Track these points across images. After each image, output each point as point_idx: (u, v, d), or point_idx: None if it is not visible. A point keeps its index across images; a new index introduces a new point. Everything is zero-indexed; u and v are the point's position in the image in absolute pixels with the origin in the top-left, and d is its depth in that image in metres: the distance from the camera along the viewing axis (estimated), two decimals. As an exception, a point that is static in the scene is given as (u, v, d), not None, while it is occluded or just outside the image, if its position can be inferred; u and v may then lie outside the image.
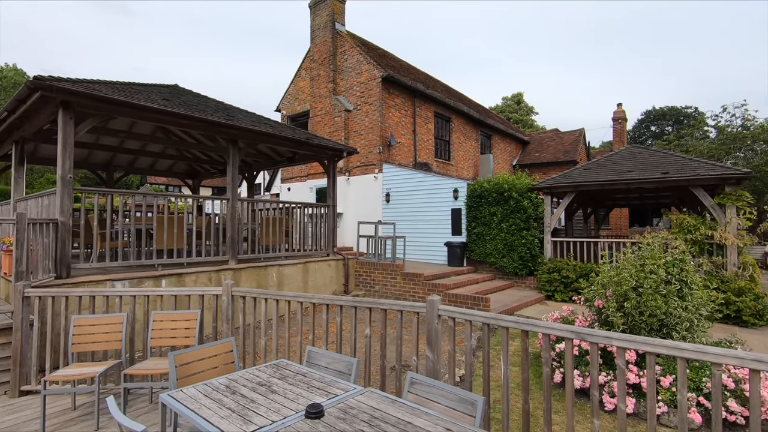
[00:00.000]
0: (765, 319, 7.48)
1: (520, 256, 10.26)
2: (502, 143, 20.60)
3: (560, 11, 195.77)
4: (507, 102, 45.29)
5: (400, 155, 13.86)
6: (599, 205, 16.43)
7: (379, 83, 13.10)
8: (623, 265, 4.94)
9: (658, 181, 8.85)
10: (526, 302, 8.82)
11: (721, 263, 8.19)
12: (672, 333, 4.55)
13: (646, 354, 2.33)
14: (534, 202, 10.35)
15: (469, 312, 3.11)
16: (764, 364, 2.00)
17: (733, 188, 8.26)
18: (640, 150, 10.68)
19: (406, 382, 2.51)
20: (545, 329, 2.72)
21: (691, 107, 48.44)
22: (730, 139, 18.96)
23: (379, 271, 9.66)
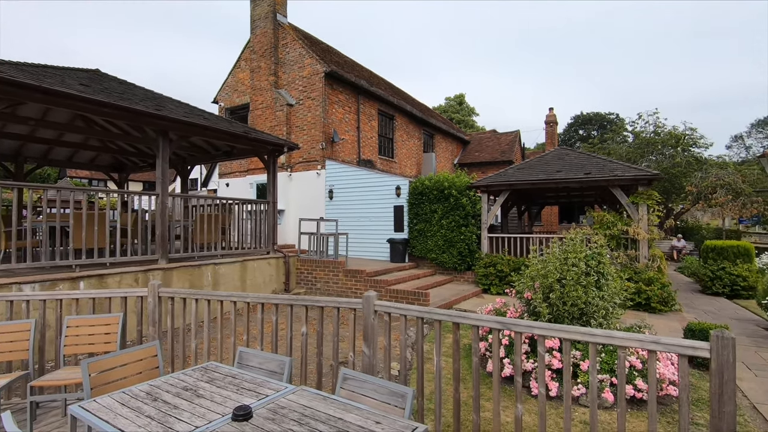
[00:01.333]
0: (669, 306, 8.36)
1: (459, 251, 10.64)
2: (444, 142, 21.18)
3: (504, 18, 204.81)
4: (449, 102, 46.64)
5: (343, 152, 13.79)
6: (532, 203, 17.44)
7: (322, 78, 12.93)
8: (549, 259, 5.29)
9: (582, 181, 9.57)
10: (464, 296, 9.17)
11: (634, 256, 9.02)
12: (590, 320, 4.94)
13: (562, 341, 2.50)
14: (472, 200, 10.77)
15: (404, 307, 3.17)
16: (660, 345, 2.23)
17: (645, 188, 9.12)
18: (568, 152, 11.47)
19: (339, 378, 2.50)
20: (474, 321, 2.84)
21: (614, 114, 52.89)
22: (644, 143, 20.92)
23: (321, 268, 9.56)
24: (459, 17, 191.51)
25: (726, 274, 10.82)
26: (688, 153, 20.32)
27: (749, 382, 5.11)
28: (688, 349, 2.15)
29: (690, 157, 19.94)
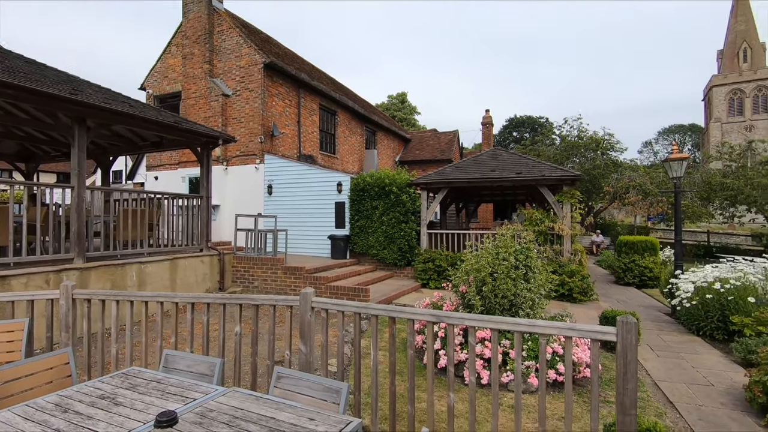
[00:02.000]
0: (588, 296, 9.13)
1: (400, 247, 10.82)
2: (386, 139, 21.39)
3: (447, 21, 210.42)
4: (392, 100, 47.15)
5: (283, 146, 13.44)
6: (469, 200, 18.18)
7: (261, 69, 12.49)
8: (482, 254, 5.55)
9: (514, 180, 10.13)
10: (404, 291, 9.35)
11: (559, 250, 9.73)
12: (519, 311, 5.27)
13: (491, 331, 2.64)
14: (412, 197, 10.99)
15: (341, 303, 3.17)
16: (575, 331, 2.43)
17: (569, 188, 9.86)
18: (501, 152, 12.09)
19: (273, 377, 2.45)
20: (410, 315, 2.90)
21: (544, 117, 56.50)
22: (569, 146, 22.63)
23: (258, 266, 9.26)
24: (404, 17, 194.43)
25: (636, 266, 12.02)
26: (607, 156, 22.26)
27: (652, 362, 5.72)
28: (599, 334, 2.36)
29: (608, 160, 21.86)
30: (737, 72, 61.01)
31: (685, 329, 7.28)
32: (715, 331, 6.65)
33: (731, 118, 60.61)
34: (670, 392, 4.71)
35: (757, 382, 4.18)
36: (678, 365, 5.58)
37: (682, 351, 6.16)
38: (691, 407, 4.34)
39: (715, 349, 6.25)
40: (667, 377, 5.16)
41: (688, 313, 7.15)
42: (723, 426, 3.95)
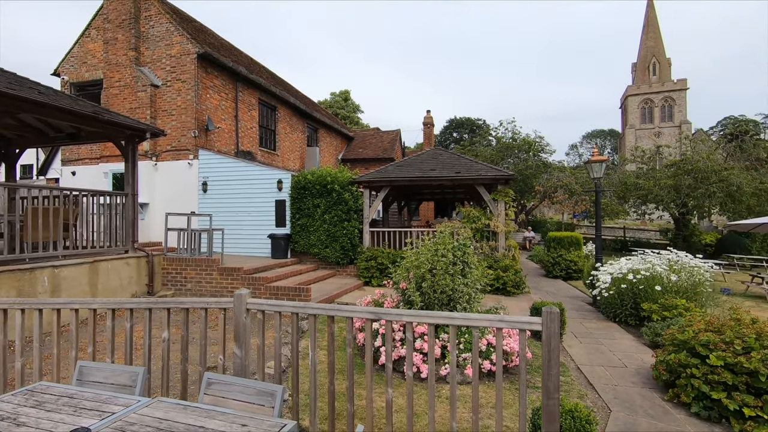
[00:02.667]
0: (521, 289, 9.67)
1: (342, 246, 10.77)
2: (329, 137, 21.17)
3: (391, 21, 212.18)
4: (335, 98, 46.74)
5: (220, 141, 12.83)
6: (411, 199, 18.52)
7: (195, 60, 11.81)
8: (422, 251, 5.67)
9: (453, 179, 10.47)
10: (346, 289, 9.31)
11: (494, 246, 10.21)
12: (456, 305, 5.44)
13: (428, 326, 2.70)
14: (354, 195, 10.98)
15: (278, 303, 3.08)
16: (505, 323, 2.56)
17: (503, 187, 10.38)
18: (441, 152, 12.43)
19: (203, 383, 2.32)
20: (348, 313, 2.89)
21: (482, 119, 58.96)
22: (504, 147, 23.85)
23: (192, 267, 8.76)
24: (348, 16, 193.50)
25: (563, 260, 12.95)
26: (538, 158, 23.74)
27: (576, 348, 6.19)
28: (526, 325, 2.50)
29: (539, 162, 23.33)
30: (648, 84, 67.69)
31: (604, 317, 7.96)
32: (629, 318, 7.34)
33: (643, 125, 67.16)
34: (591, 375, 5.13)
35: (662, 361, 4.67)
36: (597, 350, 6.08)
37: (601, 337, 6.72)
38: (608, 388, 4.75)
39: (629, 334, 6.89)
40: (588, 361, 5.60)
41: (606, 302, 7.83)
42: (634, 402, 4.36)
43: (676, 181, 18.46)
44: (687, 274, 7.27)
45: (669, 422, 3.95)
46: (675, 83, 66.07)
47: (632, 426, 3.87)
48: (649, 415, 4.10)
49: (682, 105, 65.26)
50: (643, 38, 70.70)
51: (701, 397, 4.08)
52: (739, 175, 17.54)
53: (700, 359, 4.25)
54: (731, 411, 3.82)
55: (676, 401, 4.34)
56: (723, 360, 4.02)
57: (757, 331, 4.23)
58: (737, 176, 17.44)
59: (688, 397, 4.17)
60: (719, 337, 4.27)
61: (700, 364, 4.19)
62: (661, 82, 66.86)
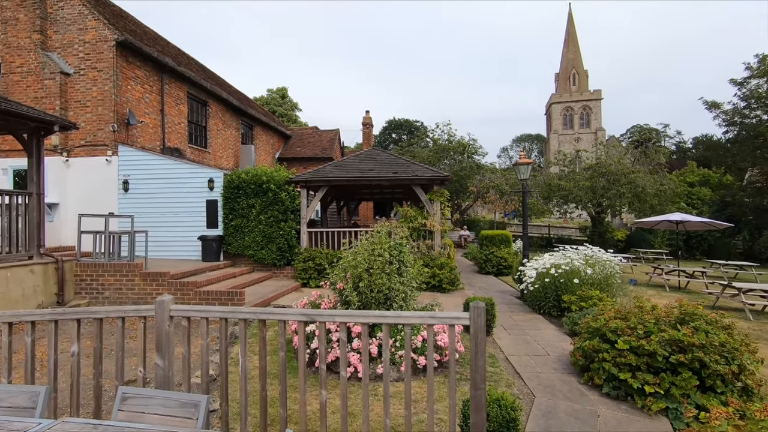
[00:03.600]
0: (455, 285, 10.04)
1: (279, 247, 10.49)
2: (265, 135, 20.51)
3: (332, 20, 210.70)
4: (272, 95, 45.39)
5: (143, 137, 11.91)
6: (350, 199, 18.50)
7: (113, 47, 10.86)
8: (359, 251, 5.68)
9: (391, 179, 10.62)
10: (283, 291, 9.09)
11: (431, 245, 10.50)
12: (393, 304, 5.52)
13: (362, 325, 2.71)
14: (291, 195, 10.73)
15: (205, 309, 2.92)
16: (435, 319, 2.64)
17: (439, 187, 10.71)
18: (379, 153, 12.55)
19: (117, 398, 2.14)
20: (280, 316, 2.82)
21: (420, 121, 60.44)
22: (440, 149, 24.63)
23: (110, 273, 8.05)
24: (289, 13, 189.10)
25: (494, 257, 13.64)
26: (471, 159, 24.81)
27: (505, 339, 6.55)
28: (455, 320, 2.60)
29: (472, 163, 24.38)
30: (569, 93, 73.48)
31: (531, 309, 8.51)
32: (552, 309, 7.91)
33: (565, 130, 72.78)
34: (518, 364, 5.45)
35: (578, 348, 5.09)
36: (524, 341, 6.48)
37: (527, 328, 7.18)
38: (532, 375, 5.08)
39: (552, 324, 7.42)
40: (516, 352, 5.96)
41: (532, 295, 8.37)
42: (554, 387, 4.71)
43: (592, 183, 20.23)
44: (600, 267, 7.98)
45: (584, 403, 4.32)
46: (591, 93, 72.35)
47: (553, 409, 4.18)
48: (567, 398, 4.45)
49: (598, 113, 71.66)
50: (564, 51, 76.59)
51: (611, 378, 4.50)
52: (644, 178, 19.63)
53: (610, 344, 4.69)
54: (635, 389, 4.26)
55: (590, 384, 4.75)
56: (628, 344, 4.47)
57: (656, 316, 4.76)
58: (642, 179, 19.52)
59: (600, 379, 4.58)
60: (625, 323, 4.74)
61: (610, 349, 4.62)
62: (580, 92, 72.90)
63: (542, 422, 3.93)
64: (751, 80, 20.44)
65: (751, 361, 4.30)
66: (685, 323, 4.52)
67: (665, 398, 4.12)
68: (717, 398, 3.98)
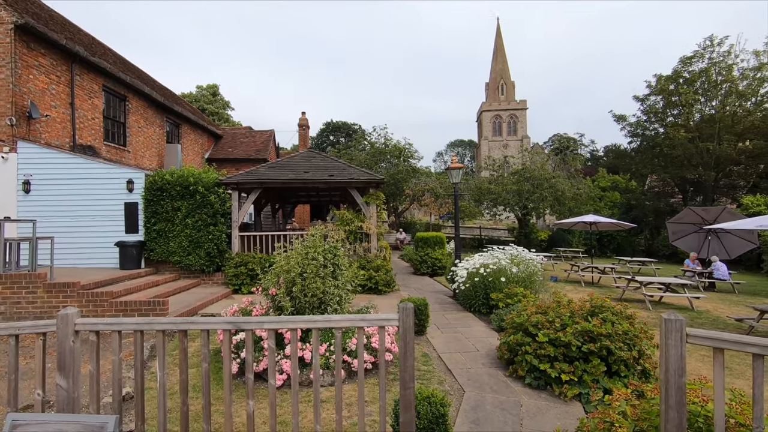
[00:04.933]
0: (391, 287, 10.18)
1: (208, 252, 9.94)
2: (194, 134, 19.38)
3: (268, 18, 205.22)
4: (202, 92, 43.00)
5: (49, 133, 10.70)
6: (286, 201, 18.06)
7: (12, 31, 9.65)
8: (292, 255, 5.56)
9: (327, 182, 10.53)
10: (212, 299, 8.63)
11: (367, 247, 10.56)
12: (328, 308, 5.47)
13: (290, 331, 2.65)
14: (222, 197, 10.24)
15: (117, 321, 2.68)
16: (365, 321, 2.65)
17: (375, 190, 10.80)
18: (315, 155, 12.40)
19: (6, 427, 1.90)
20: (203, 325, 2.67)
21: (357, 124, 60.65)
22: (377, 152, 24.88)
23: (6, 285, 7.11)
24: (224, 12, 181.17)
25: (429, 258, 14.03)
26: (408, 163, 25.34)
27: (438, 338, 6.75)
28: (384, 321, 2.64)
29: (409, 167, 24.91)
30: (498, 101, 77.87)
31: (463, 307, 8.86)
32: (482, 307, 8.30)
33: (494, 137, 76.97)
34: (449, 361, 5.65)
35: (504, 343, 5.39)
36: (456, 338, 6.73)
37: (459, 326, 7.46)
38: (463, 371, 5.29)
39: (481, 322, 7.78)
40: (448, 349, 6.17)
41: (463, 294, 8.72)
42: (483, 381, 4.94)
43: (518, 187, 21.59)
44: (524, 266, 8.53)
45: (509, 394, 4.58)
46: (518, 103, 77.29)
47: (481, 402, 4.38)
48: (494, 390, 4.69)
49: (523, 122, 76.70)
50: (493, 63, 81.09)
51: (532, 369, 4.82)
52: (563, 183, 21.33)
53: (532, 338, 5.02)
54: (553, 378, 4.60)
55: (514, 376, 5.04)
56: (548, 336, 4.82)
57: (571, 310, 5.17)
58: (562, 183, 21.20)
59: (523, 370, 4.89)
60: (545, 317, 5.10)
61: (532, 342, 4.95)
62: (508, 101, 77.58)
63: (471, 415, 4.10)
64: (650, 97, 23.11)
65: (648, 347, 4.83)
66: (595, 315, 4.96)
67: (578, 385, 4.49)
68: (621, 381, 4.41)
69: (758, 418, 1.92)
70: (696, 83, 20.88)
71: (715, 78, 20.53)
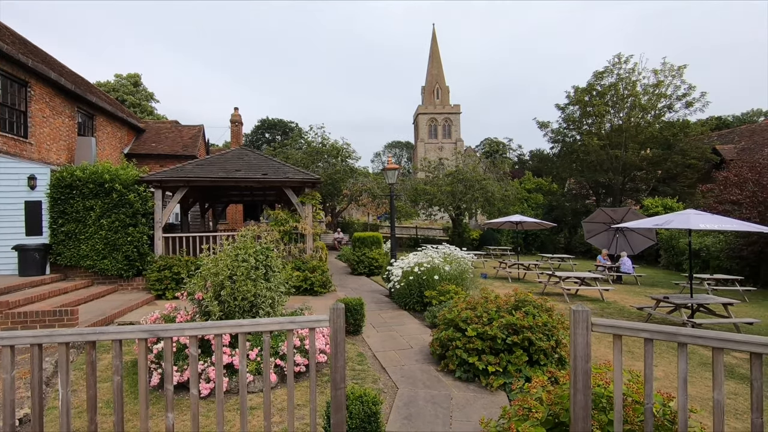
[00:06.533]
0: (328, 288, 10.08)
1: (126, 255, 9.16)
2: (111, 127, 17.75)
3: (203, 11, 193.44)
4: (121, 81, 39.55)
5: (-74, 119, 9.23)
6: (216, 201, 17.18)
7: None
8: (221, 257, 5.30)
9: (260, 181, 10.17)
10: (131, 306, 7.97)
11: (303, 248, 10.37)
12: (260, 311, 5.28)
13: (213, 336, 2.52)
14: (143, 196, 9.48)
15: (9, 335, 2.37)
16: (295, 324, 2.60)
17: (311, 190, 10.63)
18: (247, 152, 11.93)
19: None
20: (114, 335, 2.45)
21: (294, 122, 59.34)
22: (314, 152, 24.52)
23: None
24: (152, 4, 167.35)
25: (366, 258, 14.10)
26: (345, 163, 25.26)
27: (373, 337, 6.80)
28: (315, 322, 2.60)
29: (346, 167, 24.84)
30: (433, 105, 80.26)
31: (398, 306, 9.01)
32: (416, 305, 8.50)
33: (430, 139, 79.23)
34: (384, 359, 5.71)
35: (437, 339, 5.56)
36: (391, 336, 6.83)
37: (394, 324, 7.58)
38: (397, 368, 5.38)
39: (416, 319, 7.96)
40: (383, 348, 6.24)
41: (399, 293, 8.88)
42: (416, 377, 5.06)
43: (452, 188, 22.42)
44: (456, 264, 8.87)
45: (440, 389, 4.73)
46: (452, 107, 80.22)
47: (413, 398, 4.48)
48: (426, 386, 4.82)
49: (457, 125, 79.79)
50: (429, 67, 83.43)
51: (462, 363, 5.03)
52: (493, 184, 22.50)
53: (461, 333, 5.23)
54: (480, 370, 4.83)
55: (446, 370, 5.23)
56: (476, 331, 5.05)
57: (498, 305, 5.47)
58: (492, 185, 22.36)
59: (454, 364, 5.09)
60: (474, 313, 5.34)
61: (462, 337, 5.16)
62: (443, 105, 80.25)
63: (404, 411, 4.18)
64: (569, 107, 25.14)
65: (564, 336, 5.25)
66: (519, 309, 5.29)
67: (503, 375, 4.76)
68: (541, 369, 4.75)
69: (648, 395, 2.16)
70: (606, 96, 23.07)
71: (622, 92, 22.85)
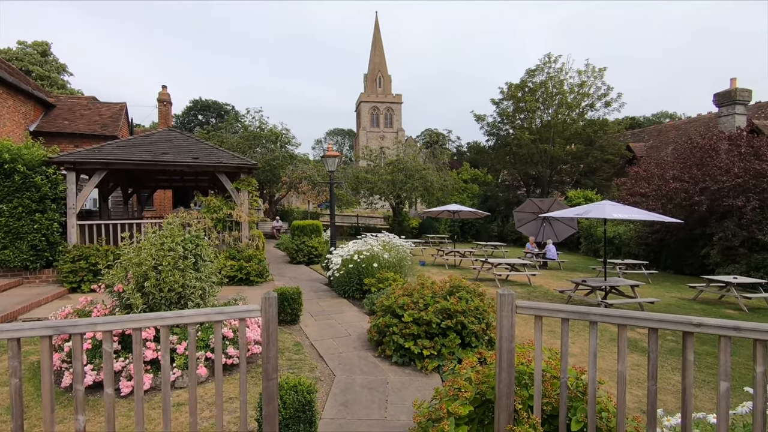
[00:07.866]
0: (264, 277, 9.79)
1: (33, 245, 8.22)
2: (12, 100, 15.66)
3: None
4: (26, 49, 34.96)
5: None
6: (141, 186, 15.94)
7: None
8: (144, 246, 4.93)
9: (190, 165, 9.56)
10: (40, 300, 7.19)
11: (237, 237, 9.95)
12: (189, 302, 4.99)
13: (133, 331, 2.33)
14: (53, 179, 8.53)
15: None
16: (224, 314, 2.48)
17: (247, 176, 10.19)
18: (177, 135, 11.14)
19: None
20: (11, 333, 2.18)
21: (230, 105, 56.42)
22: (251, 136, 23.52)
23: None
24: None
25: (305, 246, 13.87)
26: (285, 149, 24.53)
27: (311, 326, 6.73)
28: (245, 313, 2.50)
29: (286, 153, 24.14)
30: (375, 94, 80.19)
31: (337, 294, 8.98)
32: (356, 293, 8.53)
33: (372, 128, 79.26)
34: (322, 348, 5.68)
35: (374, 325, 5.62)
36: (329, 325, 6.80)
37: (332, 312, 7.55)
38: (334, 356, 5.37)
39: (355, 307, 7.99)
40: (320, 336, 6.19)
41: (338, 281, 8.84)
42: (353, 364, 5.09)
43: (393, 177, 22.65)
44: (395, 252, 9.00)
45: (377, 374, 4.80)
46: (394, 96, 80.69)
47: (350, 385, 4.51)
48: (363, 372, 4.87)
49: (399, 115, 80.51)
50: (372, 55, 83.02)
51: (398, 348, 5.13)
52: (432, 174, 23.05)
53: (398, 319, 5.33)
54: (416, 354, 4.97)
55: (383, 356, 5.31)
56: (412, 316, 5.17)
57: (433, 291, 5.63)
58: (431, 175, 22.89)
59: (390, 350, 5.18)
60: (410, 299, 5.46)
61: (399, 323, 5.26)
62: (385, 94, 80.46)
63: (340, 398, 4.19)
64: (503, 102, 26.31)
65: (494, 319, 5.53)
66: (453, 294, 5.49)
67: (438, 358, 4.94)
68: (472, 351, 4.98)
69: (564, 370, 2.34)
70: (537, 93, 24.44)
71: (551, 90, 24.33)
